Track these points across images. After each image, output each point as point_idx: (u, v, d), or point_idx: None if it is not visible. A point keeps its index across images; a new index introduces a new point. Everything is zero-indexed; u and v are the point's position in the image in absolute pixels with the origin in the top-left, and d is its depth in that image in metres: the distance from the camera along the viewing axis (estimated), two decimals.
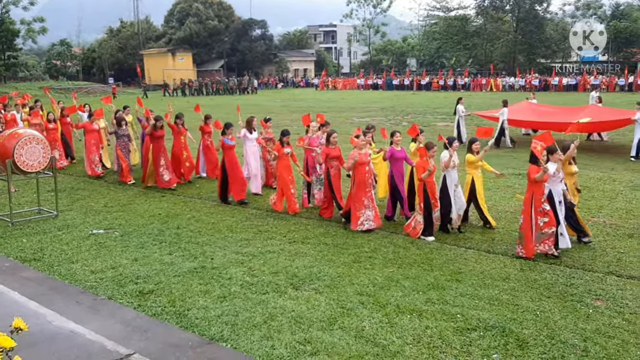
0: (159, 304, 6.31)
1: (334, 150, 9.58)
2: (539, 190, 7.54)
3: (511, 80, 53.79)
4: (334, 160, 9.58)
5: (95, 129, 13.95)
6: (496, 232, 8.83)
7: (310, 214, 10.15)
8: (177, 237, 8.81)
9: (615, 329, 5.59)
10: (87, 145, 13.83)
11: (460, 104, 18.70)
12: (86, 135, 13.84)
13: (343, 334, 5.52)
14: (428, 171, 8.38)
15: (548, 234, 7.52)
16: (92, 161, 13.73)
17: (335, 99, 44.17)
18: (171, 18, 72.63)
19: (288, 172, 10.09)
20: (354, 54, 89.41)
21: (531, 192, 7.58)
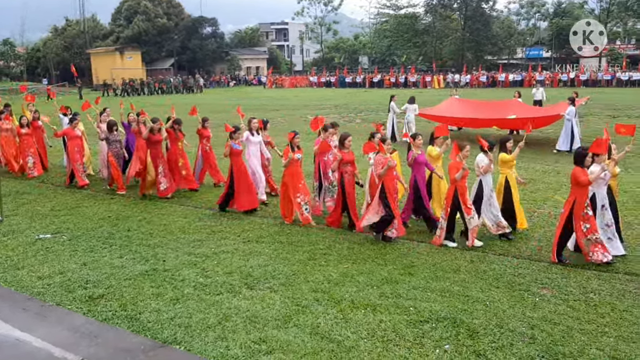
0: (110, 309, 6.17)
1: (348, 154, 8.95)
2: (583, 195, 7.19)
3: (457, 77, 54.96)
4: (347, 165, 8.93)
5: (78, 135, 12.58)
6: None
7: (264, 212, 10.11)
8: (127, 240, 8.62)
9: (560, 315, 5.80)
10: (70, 153, 12.43)
11: (393, 101, 18.84)
12: (69, 142, 12.44)
13: (298, 332, 5.53)
14: (462, 170, 7.78)
15: (593, 240, 7.13)
16: (78, 170, 12.37)
17: (288, 96, 44.11)
18: (118, 16, 70.83)
19: (298, 179, 9.28)
20: (307, 51, 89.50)
21: (574, 196, 7.22)
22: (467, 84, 53.11)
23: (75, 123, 12.50)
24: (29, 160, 13.74)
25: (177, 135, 11.64)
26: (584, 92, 37.99)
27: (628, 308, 5.95)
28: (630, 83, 47.59)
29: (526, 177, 12.28)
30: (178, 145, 11.72)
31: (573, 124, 15.97)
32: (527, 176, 12.38)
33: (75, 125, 12.45)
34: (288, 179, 9.24)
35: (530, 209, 9.72)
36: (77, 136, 12.46)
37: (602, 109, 27.56)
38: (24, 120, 13.75)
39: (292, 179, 9.22)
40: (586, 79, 49.41)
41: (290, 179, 9.22)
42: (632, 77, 47.92)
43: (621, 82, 47.88)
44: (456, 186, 7.87)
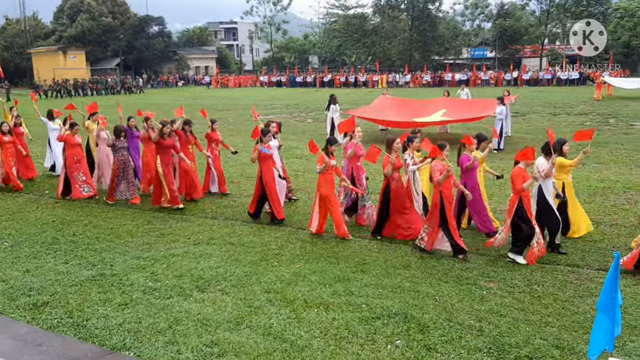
0: (55, 316, 5.96)
1: (398, 159, 8.26)
2: None
3: (397, 77, 55.82)
4: (396, 171, 8.27)
5: (79, 142, 11.26)
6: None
7: (215, 212, 9.99)
8: (73, 245, 8.36)
9: (506, 308, 5.98)
10: (68, 162, 11.09)
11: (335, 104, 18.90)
12: (67, 149, 11.08)
13: (251, 333, 5.49)
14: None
15: None
16: (77, 181, 11.13)
17: (238, 96, 43.75)
18: (61, 15, 68.49)
19: (332, 188, 8.51)
20: (256, 51, 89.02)
21: None
22: (407, 83, 53.98)
23: (76, 129, 11.20)
24: (14, 170, 12.23)
25: (188, 138, 10.79)
26: (526, 91, 39.43)
27: (569, 298, 6.19)
28: (569, 82, 49.52)
29: None
30: (188, 148, 10.90)
31: (503, 123, 16.34)
32: None
33: (75, 131, 11.15)
34: (324, 189, 8.35)
35: None
36: (78, 143, 11.22)
37: (543, 107, 28.57)
38: (5, 127, 12.10)
39: (328, 188, 8.37)
40: (528, 78, 51.12)
41: (326, 189, 8.35)
42: (571, 76, 49.90)
43: (561, 81, 49.77)
44: (521, 196, 7.25)
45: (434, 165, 7.64)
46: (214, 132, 11.22)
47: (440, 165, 7.51)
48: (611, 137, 18.09)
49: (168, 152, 10.18)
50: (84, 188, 11.18)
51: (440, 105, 19.19)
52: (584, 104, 29.86)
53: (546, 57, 64.21)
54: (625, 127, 20.70)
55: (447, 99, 20.42)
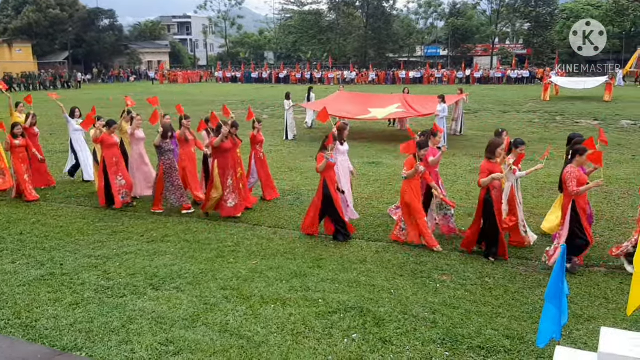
0: (2, 317, 5.76)
1: (496, 165, 7.31)
2: None
3: (346, 73, 56.28)
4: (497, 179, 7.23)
5: (116, 142, 10.10)
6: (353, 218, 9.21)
7: (171, 210, 9.82)
8: (20, 244, 8.08)
9: (459, 300, 6.12)
10: (108, 164, 9.83)
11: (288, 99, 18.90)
12: (104, 151, 9.86)
13: (207, 330, 5.45)
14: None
15: None
16: (117, 186, 9.91)
17: (193, 92, 43.11)
18: (6, 6, 65.77)
19: (419, 195, 7.76)
20: (211, 46, 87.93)
21: None
22: (352, 80, 54.44)
23: (114, 128, 10.05)
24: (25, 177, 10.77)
25: (235, 142, 9.55)
26: (478, 89, 40.35)
27: (519, 290, 6.39)
28: (518, 80, 50.99)
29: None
30: (237, 152, 9.75)
31: (444, 121, 16.58)
32: None
33: (113, 130, 9.99)
34: (409, 196, 7.63)
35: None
36: (116, 143, 10.03)
37: (494, 105, 29.30)
38: (18, 130, 10.58)
39: (413, 195, 7.64)
40: (480, 76, 52.34)
41: (411, 196, 7.63)
42: (522, 75, 51.39)
43: (511, 79, 51.21)
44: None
45: (570, 172, 6.78)
46: (259, 134, 10.40)
47: (577, 174, 6.78)
48: (558, 134, 18.71)
49: (227, 156, 9.19)
50: (122, 193, 9.98)
51: (395, 99, 19.46)
52: (532, 102, 30.81)
53: (497, 56, 65.90)
54: (571, 125, 21.47)
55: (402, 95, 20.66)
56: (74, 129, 11.92)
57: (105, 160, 9.79)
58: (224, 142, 9.04)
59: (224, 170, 9.12)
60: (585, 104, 29.13)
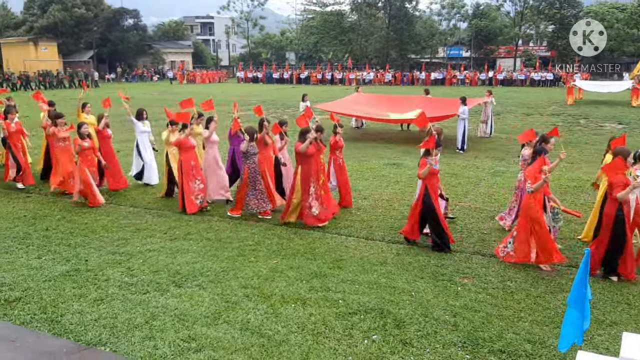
0: (28, 312, 5.88)
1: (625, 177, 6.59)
2: None
3: (364, 74, 56.18)
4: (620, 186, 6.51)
5: (194, 144, 9.80)
6: (373, 218, 9.22)
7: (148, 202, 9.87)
8: (46, 240, 8.23)
9: (480, 303, 6.09)
10: (185, 169, 9.53)
11: (304, 101, 18.86)
12: (181, 154, 9.63)
13: (228, 328, 5.50)
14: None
15: None
16: (193, 191, 9.60)
17: (214, 92, 43.41)
18: (32, 5, 66.97)
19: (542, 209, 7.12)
20: (233, 46, 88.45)
21: None
22: (370, 81, 54.31)
23: (191, 129, 9.73)
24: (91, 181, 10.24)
25: (320, 147, 9.07)
26: (501, 91, 39.97)
27: (541, 294, 6.34)
28: (542, 83, 50.41)
29: (448, 171, 12.78)
30: (321, 159, 9.28)
31: (466, 123, 16.44)
32: (448, 170, 12.88)
33: (190, 132, 9.69)
34: (534, 211, 6.98)
35: (451, 202, 10.11)
36: (193, 146, 9.71)
37: (517, 107, 29.02)
38: (85, 129, 10.11)
39: (539, 210, 7.03)
40: (503, 78, 51.88)
41: (537, 211, 6.99)
42: (545, 77, 50.80)
43: (534, 81, 50.66)
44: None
45: None
46: (340, 139, 10.00)
47: None
48: (582, 137, 18.48)
49: (311, 162, 8.76)
50: (199, 198, 9.71)
51: (415, 103, 19.32)
52: (556, 105, 30.45)
53: (520, 58, 65.26)
54: (595, 128, 21.17)
55: (422, 97, 20.55)
56: (140, 131, 11.48)
57: (182, 164, 9.53)
58: (308, 148, 8.61)
59: (307, 177, 8.70)
60: (610, 108, 28.70)
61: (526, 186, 7.08)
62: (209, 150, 10.15)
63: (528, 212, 7.02)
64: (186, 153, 9.54)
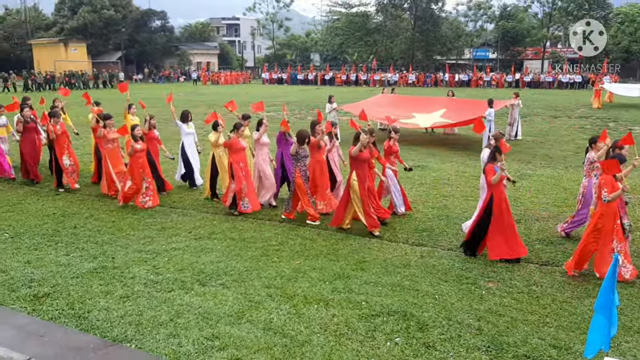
0: (56, 308, 6.00)
1: None
2: None
3: (388, 75, 55.98)
4: None
5: (244, 146, 9.62)
6: (397, 220, 9.18)
7: (216, 208, 10.00)
8: (74, 237, 8.39)
9: (505, 307, 6.03)
10: (235, 169, 9.37)
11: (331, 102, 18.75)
12: (231, 155, 9.44)
13: (251, 327, 5.54)
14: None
15: None
16: (242, 191, 9.47)
17: (239, 92, 43.74)
18: (62, 6, 68.41)
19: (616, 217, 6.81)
20: (258, 47, 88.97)
21: None
22: (395, 82, 54.13)
23: (242, 131, 9.56)
24: (143, 186, 10.02)
25: (372, 151, 8.80)
26: (528, 94, 39.46)
27: (567, 299, 6.24)
28: (570, 85, 49.62)
29: (473, 174, 12.66)
30: (372, 163, 8.96)
31: (491, 126, 16.19)
32: (472, 174, 12.76)
33: (240, 133, 9.49)
34: (608, 221, 6.73)
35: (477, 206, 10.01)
36: (243, 148, 9.57)
37: (544, 110, 28.63)
38: (139, 131, 9.98)
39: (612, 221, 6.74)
40: (530, 80, 51.21)
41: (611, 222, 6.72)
42: (573, 79, 50.00)
43: (562, 84, 49.88)
44: None
45: None
46: (395, 144, 9.54)
47: None
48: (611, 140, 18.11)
49: (364, 167, 8.45)
50: (245, 202, 9.54)
51: (441, 104, 19.16)
52: (584, 108, 29.94)
53: (548, 60, 64.36)
54: (625, 131, 20.74)
55: (447, 99, 20.33)
56: (186, 133, 11.33)
57: (232, 165, 9.42)
58: (361, 152, 8.33)
59: (363, 182, 8.38)
60: None
61: (602, 194, 6.65)
62: (259, 153, 9.97)
63: (600, 219, 6.75)
64: (236, 154, 9.40)
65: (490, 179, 7.26)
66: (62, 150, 11.25)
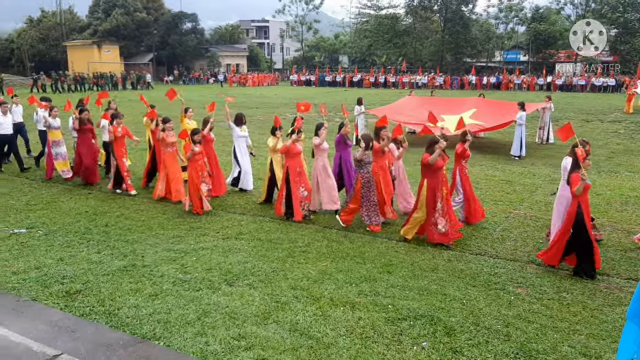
0: (88, 304, 6.12)
1: None
2: None
3: (417, 77, 55.49)
4: None
5: (301, 151, 9.40)
6: None
7: (244, 209, 10.08)
8: (105, 235, 8.55)
9: (534, 314, 5.93)
10: (291, 174, 9.21)
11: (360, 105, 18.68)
12: (287, 161, 9.27)
13: (277, 328, 5.56)
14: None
15: None
16: (300, 197, 9.28)
17: (267, 94, 44.02)
18: (96, 9, 69.80)
19: None
20: (287, 49, 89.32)
21: None
22: (424, 84, 53.60)
23: (299, 136, 9.38)
24: (203, 187, 9.80)
25: (444, 158, 8.29)
26: (559, 97, 38.77)
27: (598, 307, 6.11)
28: (603, 89, 48.55)
29: (503, 178, 12.51)
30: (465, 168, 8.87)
31: (523, 129, 15.95)
32: (504, 177, 12.61)
33: (298, 138, 9.31)
34: None
35: (506, 210, 9.89)
36: (300, 152, 9.39)
37: (576, 113, 28.08)
38: (198, 137, 9.80)
39: None
40: (562, 83, 50.28)
41: None
42: (607, 83, 48.90)
43: (595, 87, 48.81)
44: None
45: None
46: (467, 147, 9.15)
47: None
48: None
49: (438, 175, 8.06)
50: (303, 206, 9.38)
51: (470, 104, 18.83)
52: (618, 112, 29.28)
53: (580, 63, 63.12)
54: None
55: (479, 99, 19.96)
56: (238, 136, 11.12)
57: (289, 170, 9.24)
58: (437, 160, 7.93)
59: (434, 191, 7.98)
60: None
61: None
62: (319, 158, 9.70)
63: None
64: (292, 159, 9.22)
65: (574, 190, 6.91)
66: (122, 152, 11.20)
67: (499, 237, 8.50)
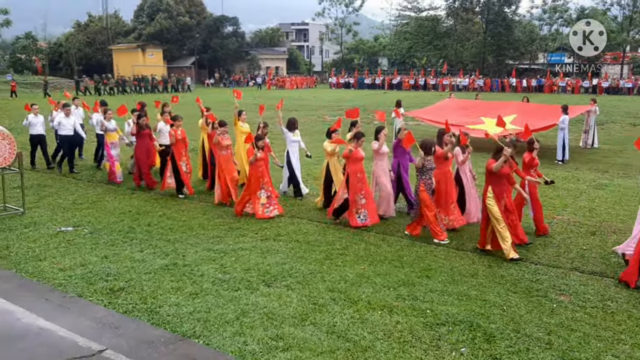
0: (130, 301, 6.28)
1: None
2: None
3: (457, 80, 54.80)
4: None
5: (363, 156, 9.12)
6: (465, 228, 8.99)
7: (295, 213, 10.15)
8: (148, 235, 8.75)
9: (577, 322, 5.78)
10: (351, 182, 8.94)
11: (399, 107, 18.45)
12: (350, 166, 8.99)
13: (315, 330, 5.58)
14: None
15: None
16: (357, 205, 8.99)
17: (307, 96, 44.23)
18: (141, 13, 71.59)
19: None
20: (326, 52, 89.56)
21: None
22: (465, 87, 52.84)
23: (362, 141, 9.15)
24: (262, 194, 9.68)
25: (512, 165, 8.02)
26: (605, 100, 37.68)
27: None
28: None
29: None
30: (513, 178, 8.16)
31: (565, 133, 15.56)
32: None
33: (361, 143, 9.09)
34: None
35: (549, 215, 9.67)
36: (361, 158, 9.09)
37: (622, 117, 27.26)
38: (262, 143, 9.74)
39: None
40: (608, 86, 48.86)
41: None
42: None
43: None
44: None
45: None
46: (533, 156, 8.71)
47: None
48: None
49: (503, 183, 7.74)
50: (361, 214, 9.02)
51: (511, 109, 18.47)
52: None
53: (628, 65, 61.17)
54: None
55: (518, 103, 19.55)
56: (291, 141, 11.03)
57: (349, 175, 9.00)
58: (503, 167, 7.62)
59: (499, 199, 7.67)
60: None
61: None
62: (378, 163, 9.52)
63: None
64: (354, 165, 8.95)
65: None
66: (180, 156, 11.18)
67: (541, 243, 8.31)
